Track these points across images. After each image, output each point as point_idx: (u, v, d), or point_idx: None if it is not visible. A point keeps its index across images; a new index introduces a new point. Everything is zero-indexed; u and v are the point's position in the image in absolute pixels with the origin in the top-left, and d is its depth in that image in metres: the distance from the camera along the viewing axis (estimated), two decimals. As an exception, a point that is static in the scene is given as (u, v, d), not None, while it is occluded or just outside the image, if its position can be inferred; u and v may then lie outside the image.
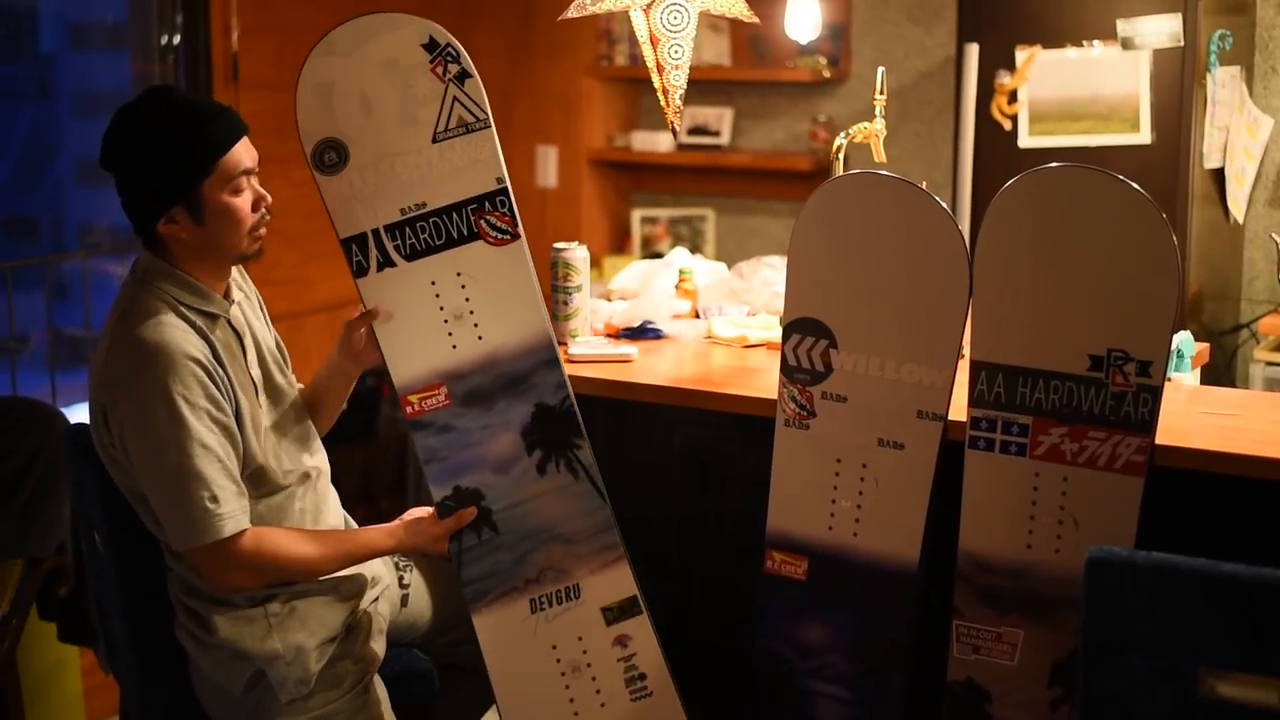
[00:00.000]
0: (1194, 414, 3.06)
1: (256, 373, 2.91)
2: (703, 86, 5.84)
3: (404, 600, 3.19)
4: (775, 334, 3.51)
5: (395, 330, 3.01)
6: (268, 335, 3.02)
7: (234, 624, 2.86)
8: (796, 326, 2.96)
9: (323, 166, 2.97)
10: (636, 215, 6.13)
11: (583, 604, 3.07)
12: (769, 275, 3.90)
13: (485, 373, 3.02)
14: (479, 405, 3.02)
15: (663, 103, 3.32)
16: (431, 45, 2.94)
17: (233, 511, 2.76)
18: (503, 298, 3.00)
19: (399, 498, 5.57)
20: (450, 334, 3.01)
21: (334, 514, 3.06)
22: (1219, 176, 4.63)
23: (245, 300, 2.99)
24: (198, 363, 2.76)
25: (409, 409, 3.02)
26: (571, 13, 3.32)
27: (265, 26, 5.24)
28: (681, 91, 3.30)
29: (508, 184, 2.98)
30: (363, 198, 2.97)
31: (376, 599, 3.07)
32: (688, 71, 3.30)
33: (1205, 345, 3.65)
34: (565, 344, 3.50)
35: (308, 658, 2.87)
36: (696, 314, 3.86)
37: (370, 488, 5.56)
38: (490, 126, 2.97)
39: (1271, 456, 2.75)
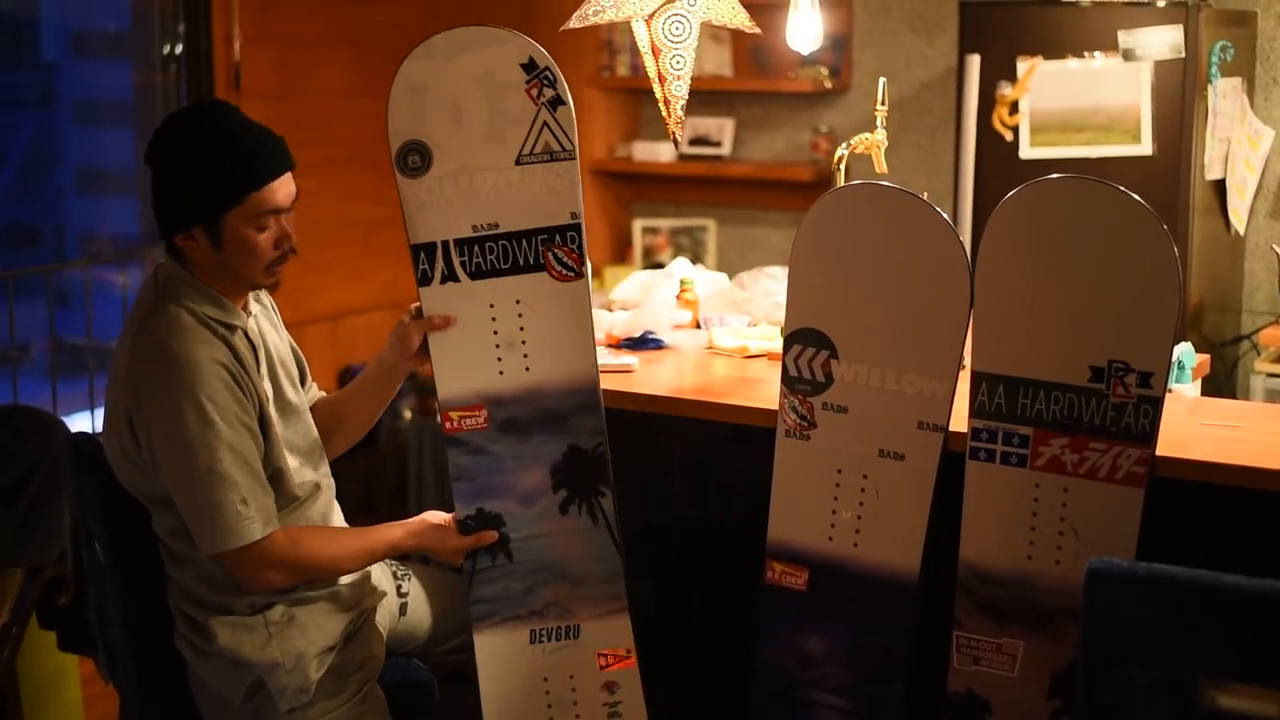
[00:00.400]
0: (1195, 425, 3.06)
1: (267, 386, 2.92)
2: (704, 97, 5.85)
3: (402, 609, 3.19)
4: (776, 344, 3.51)
5: (447, 344, 3.01)
6: (282, 346, 3.02)
7: (233, 632, 2.86)
8: (797, 337, 2.96)
9: (405, 168, 2.96)
10: (638, 225, 6.14)
11: (580, 644, 3.07)
12: (770, 286, 3.90)
13: (526, 404, 3.02)
14: (515, 435, 3.02)
15: (664, 113, 3.32)
16: (530, 65, 2.92)
17: (260, 511, 2.79)
18: (556, 334, 3.00)
19: (399, 507, 5.57)
20: (499, 359, 3.00)
21: (338, 524, 3.07)
22: (1220, 188, 4.64)
23: (262, 311, 3.00)
24: (224, 366, 2.78)
25: (448, 424, 3.02)
26: (573, 23, 3.32)
27: (267, 36, 5.25)
28: (683, 102, 3.31)
29: (581, 221, 2.96)
30: (439, 206, 2.97)
31: (375, 607, 3.07)
32: (689, 82, 3.30)
33: (1206, 357, 3.65)
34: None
35: (307, 666, 2.87)
36: (697, 324, 3.86)
37: (370, 497, 5.56)
38: (575, 159, 2.95)
39: (1272, 468, 2.75)
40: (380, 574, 3.15)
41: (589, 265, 3.00)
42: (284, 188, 2.83)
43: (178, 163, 2.82)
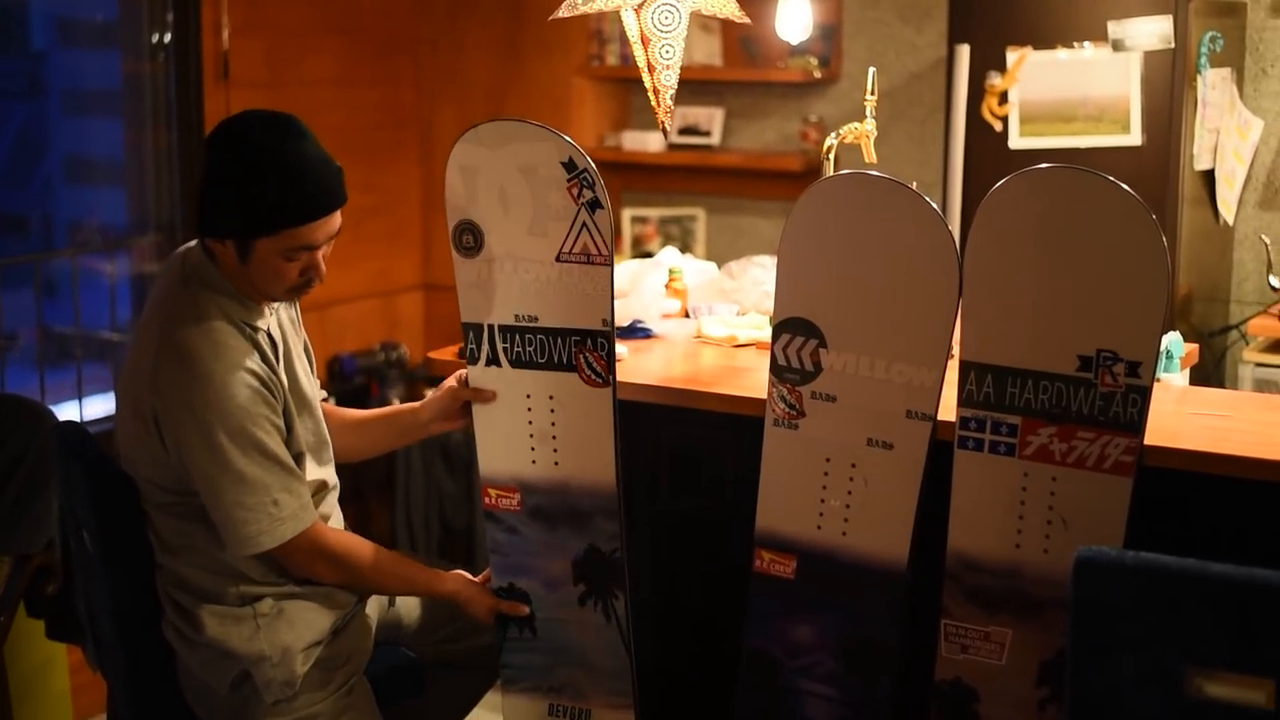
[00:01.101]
0: (1183, 414, 3.07)
1: (284, 377, 2.92)
2: (694, 86, 5.85)
3: (391, 599, 3.19)
4: (765, 333, 3.51)
5: (489, 424, 3.09)
6: (297, 340, 3.03)
7: (222, 623, 2.86)
8: (786, 326, 2.96)
9: (460, 247, 3.03)
10: (627, 215, 6.13)
11: None
12: (759, 275, 3.90)
13: (554, 496, 3.09)
14: (543, 522, 3.10)
15: (653, 102, 3.32)
16: (570, 165, 2.95)
17: (294, 511, 2.82)
18: (583, 436, 3.05)
19: (387, 495, 5.57)
20: (533, 449, 3.08)
21: (337, 525, 3.08)
22: (1209, 178, 4.64)
23: (283, 305, 3.00)
24: (252, 372, 2.79)
25: (486, 500, 3.13)
26: (563, 12, 3.32)
27: (256, 25, 5.24)
28: (672, 91, 3.30)
29: (612, 329, 2.99)
30: (487, 290, 3.03)
31: (366, 601, 3.07)
32: (679, 71, 3.30)
33: (1194, 346, 3.65)
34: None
35: (294, 660, 2.87)
36: (686, 313, 3.85)
37: (359, 486, 5.56)
38: (610, 266, 2.97)
39: (1260, 457, 2.76)
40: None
41: (616, 376, 3.03)
42: (324, 227, 2.82)
43: (229, 174, 2.79)
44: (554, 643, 3.14)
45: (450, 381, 3.13)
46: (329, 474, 3.04)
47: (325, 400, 3.21)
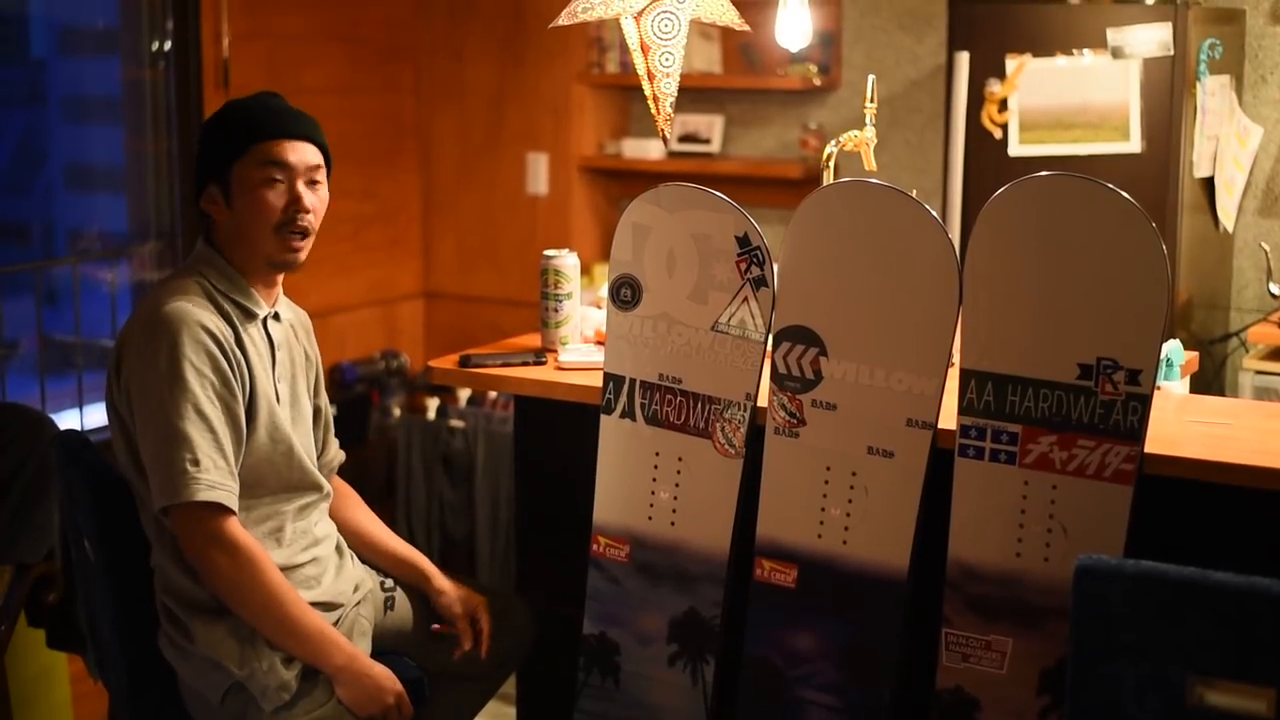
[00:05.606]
0: (1183, 422, 3.06)
1: (283, 389, 2.93)
2: (693, 94, 5.85)
3: (389, 604, 3.18)
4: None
5: (610, 475, 3.14)
6: (305, 362, 3.06)
7: (211, 632, 2.84)
8: (787, 334, 2.96)
9: (616, 299, 3.09)
10: (627, 222, 6.13)
11: None
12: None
13: (664, 555, 3.11)
14: (648, 578, 3.12)
15: (653, 110, 3.32)
16: (744, 240, 2.99)
17: (213, 481, 2.75)
18: (705, 502, 3.07)
19: (387, 505, 5.57)
20: (651, 505, 3.11)
21: (326, 527, 3.09)
22: (1209, 185, 4.64)
23: (296, 328, 3.05)
24: (212, 336, 2.80)
25: (595, 547, 3.16)
26: (562, 20, 3.32)
27: (256, 34, 5.24)
28: (672, 99, 3.31)
29: (754, 404, 3.02)
30: (635, 344, 3.08)
31: (359, 603, 3.07)
32: (678, 79, 3.30)
33: (1194, 354, 3.65)
34: (555, 351, 3.51)
35: (284, 666, 2.85)
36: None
37: (359, 493, 5.54)
38: (764, 345, 3.00)
39: (1260, 465, 2.75)
40: (364, 570, 3.15)
41: (748, 450, 3.04)
42: (295, 150, 2.89)
43: (204, 129, 2.97)
44: (634, 697, 3.16)
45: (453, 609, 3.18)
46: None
47: (338, 461, 3.24)
